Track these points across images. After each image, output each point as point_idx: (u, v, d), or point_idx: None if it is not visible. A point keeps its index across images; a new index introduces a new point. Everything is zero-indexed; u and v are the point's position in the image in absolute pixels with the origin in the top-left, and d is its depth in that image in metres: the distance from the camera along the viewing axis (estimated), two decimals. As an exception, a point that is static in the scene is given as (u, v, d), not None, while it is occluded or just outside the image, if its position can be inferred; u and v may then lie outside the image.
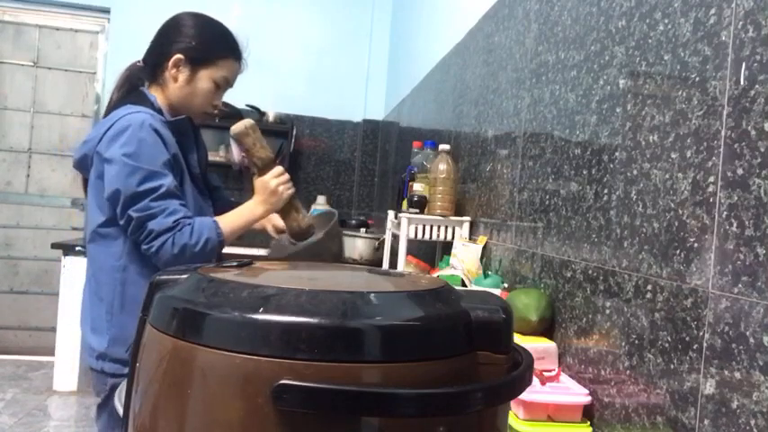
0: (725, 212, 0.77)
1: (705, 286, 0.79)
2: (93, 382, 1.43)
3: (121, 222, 1.32)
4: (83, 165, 1.42)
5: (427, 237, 1.89)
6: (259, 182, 1.45)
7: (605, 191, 1.08)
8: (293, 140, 4.08)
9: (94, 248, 1.39)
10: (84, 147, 1.40)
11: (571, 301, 1.17)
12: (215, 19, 1.50)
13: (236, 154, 3.78)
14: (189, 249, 1.31)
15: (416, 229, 1.88)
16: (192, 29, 1.44)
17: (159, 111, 1.42)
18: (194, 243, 1.32)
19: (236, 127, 1.41)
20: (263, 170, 1.45)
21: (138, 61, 1.49)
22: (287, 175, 1.47)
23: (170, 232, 1.30)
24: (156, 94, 1.45)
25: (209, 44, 1.44)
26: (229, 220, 1.41)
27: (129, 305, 1.35)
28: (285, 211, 1.49)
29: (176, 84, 1.43)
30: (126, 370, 1.33)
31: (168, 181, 1.32)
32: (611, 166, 1.06)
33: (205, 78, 1.43)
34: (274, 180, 1.44)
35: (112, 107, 1.43)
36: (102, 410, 1.39)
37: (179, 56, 1.41)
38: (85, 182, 1.43)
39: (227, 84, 1.48)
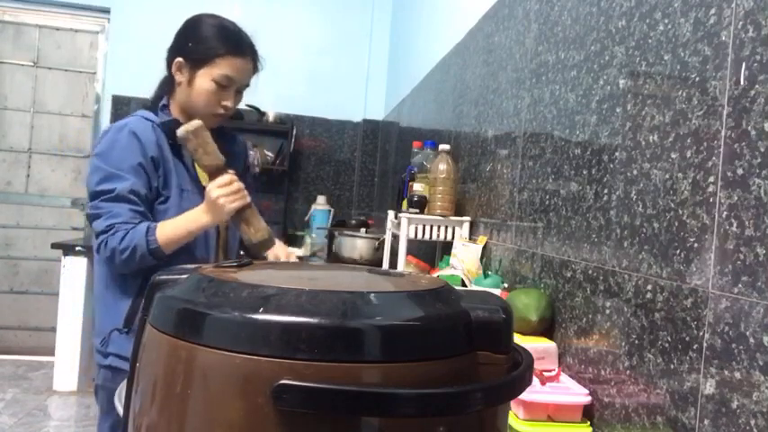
0: (725, 212, 0.77)
1: (705, 286, 0.79)
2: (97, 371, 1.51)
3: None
4: None
5: (427, 237, 1.89)
6: (207, 189, 1.36)
7: (605, 191, 1.08)
8: (293, 140, 4.08)
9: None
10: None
11: (571, 301, 1.17)
12: (214, 16, 1.47)
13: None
14: (117, 254, 1.31)
15: (416, 229, 1.88)
16: (190, 30, 1.44)
17: (163, 111, 1.46)
18: (122, 249, 1.31)
19: (179, 130, 1.32)
20: (211, 177, 1.36)
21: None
22: (236, 185, 1.36)
23: (104, 235, 1.32)
24: (172, 101, 1.48)
25: (205, 43, 1.41)
26: (170, 228, 1.35)
27: (108, 299, 1.42)
28: (236, 222, 1.40)
29: (180, 87, 1.44)
30: (106, 361, 1.39)
31: (124, 185, 1.33)
32: (611, 166, 1.06)
33: (204, 78, 1.41)
34: (216, 190, 1.33)
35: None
36: (96, 397, 1.48)
37: (179, 59, 1.42)
38: None
39: (230, 82, 1.42)
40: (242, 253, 1.56)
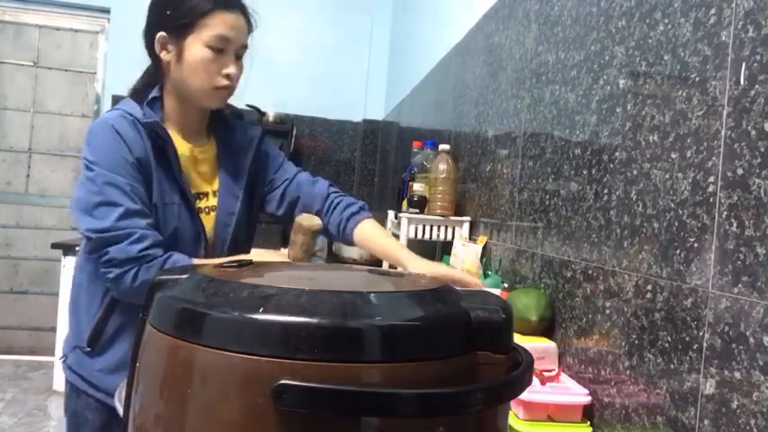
0: (725, 212, 0.77)
1: (705, 286, 0.79)
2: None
3: (81, 234, 1.16)
4: None
5: (427, 237, 1.89)
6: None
7: (605, 191, 1.08)
8: (293, 140, 4.08)
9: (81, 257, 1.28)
10: None
11: (571, 301, 1.17)
12: None
13: None
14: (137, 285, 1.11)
15: (416, 229, 1.88)
16: None
17: (152, 108, 1.24)
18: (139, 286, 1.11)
19: (309, 222, 1.27)
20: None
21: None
22: None
23: (134, 263, 1.10)
24: (165, 91, 1.26)
25: (185, 3, 1.18)
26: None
27: (75, 311, 1.26)
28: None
29: (171, 67, 1.21)
30: (69, 377, 1.25)
31: (132, 196, 1.14)
32: (611, 166, 1.06)
33: (195, 45, 1.18)
34: None
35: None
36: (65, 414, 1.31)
37: (161, 34, 1.20)
38: None
39: (225, 43, 1.19)
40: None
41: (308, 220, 1.28)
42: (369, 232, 1.36)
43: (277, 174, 1.44)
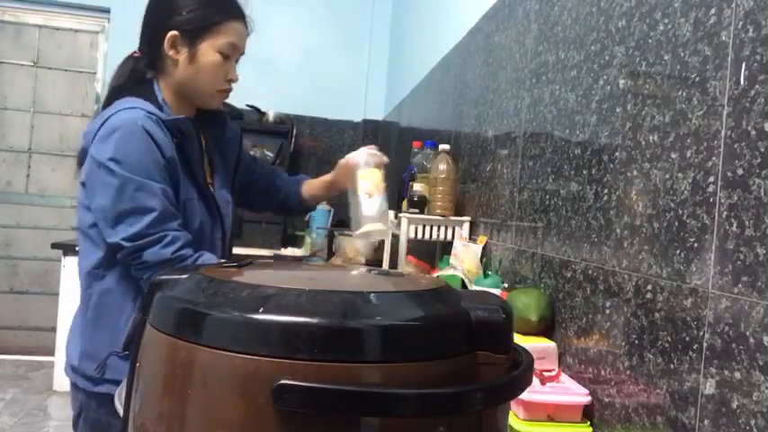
0: (725, 212, 0.77)
1: (705, 286, 0.79)
2: (70, 393, 1.28)
3: (109, 241, 1.15)
4: (82, 158, 1.24)
5: (427, 237, 1.89)
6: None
7: (605, 191, 1.08)
8: (293, 140, 4.08)
9: (81, 247, 1.25)
10: (83, 139, 1.24)
11: (571, 301, 1.17)
12: None
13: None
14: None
15: (416, 229, 1.88)
16: None
17: (161, 107, 1.24)
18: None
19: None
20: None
21: (135, 51, 1.32)
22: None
23: (168, 265, 1.11)
24: (161, 84, 1.27)
25: (203, 9, 1.24)
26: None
27: (103, 318, 1.21)
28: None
29: (179, 67, 1.24)
30: (97, 388, 1.18)
31: (163, 199, 1.15)
32: (611, 166, 1.06)
33: (208, 50, 1.23)
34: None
35: (111, 100, 1.25)
36: (75, 428, 1.25)
37: (173, 33, 1.22)
38: None
39: (235, 50, 1.27)
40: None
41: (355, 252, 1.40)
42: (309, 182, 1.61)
43: (247, 164, 1.55)
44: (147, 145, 1.15)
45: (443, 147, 1.94)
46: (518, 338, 1.19)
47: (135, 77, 1.29)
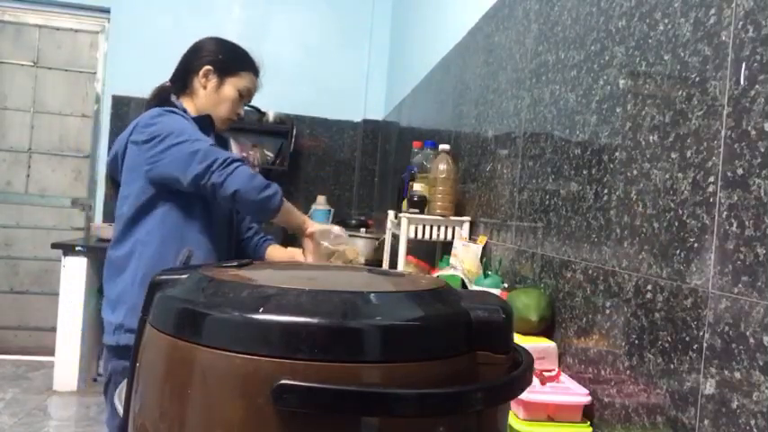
0: (725, 212, 0.77)
1: (705, 286, 0.79)
2: (104, 360, 1.56)
3: (186, 184, 1.43)
4: (113, 165, 1.58)
5: (427, 237, 1.89)
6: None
7: (605, 191, 1.08)
8: (293, 140, 4.08)
9: (134, 225, 1.51)
10: (114, 147, 1.57)
11: (571, 301, 1.17)
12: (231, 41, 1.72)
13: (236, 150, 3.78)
14: (247, 181, 1.42)
15: (416, 229, 1.88)
16: (218, 46, 1.66)
17: (184, 111, 1.58)
18: (259, 183, 1.44)
19: (353, 255, 1.61)
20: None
21: (167, 82, 1.67)
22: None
23: (236, 163, 1.43)
24: (184, 103, 1.61)
25: (234, 57, 1.66)
26: (288, 205, 1.53)
27: (161, 263, 1.43)
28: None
29: (205, 91, 1.62)
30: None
31: (209, 142, 1.47)
32: (611, 166, 1.06)
33: (231, 86, 1.63)
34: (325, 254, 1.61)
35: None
36: (105, 394, 1.53)
37: (208, 66, 1.61)
38: (113, 182, 1.61)
39: (248, 95, 1.68)
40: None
41: (353, 253, 1.59)
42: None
43: None
44: (188, 123, 1.51)
45: (443, 147, 1.94)
46: (518, 338, 1.19)
47: (160, 97, 1.62)
